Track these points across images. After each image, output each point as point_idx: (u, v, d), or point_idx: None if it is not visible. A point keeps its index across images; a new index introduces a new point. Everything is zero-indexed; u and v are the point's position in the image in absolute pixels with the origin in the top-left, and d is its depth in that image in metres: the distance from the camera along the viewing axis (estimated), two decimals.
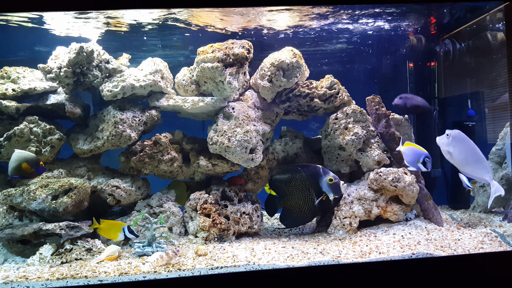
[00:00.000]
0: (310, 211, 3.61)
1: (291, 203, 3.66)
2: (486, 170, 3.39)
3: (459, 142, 3.43)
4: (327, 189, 3.45)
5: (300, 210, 3.63)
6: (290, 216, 3.70)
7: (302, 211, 3.63)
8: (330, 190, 3.44)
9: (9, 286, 2.57)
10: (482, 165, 3.39)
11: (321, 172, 3.49)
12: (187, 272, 2.73)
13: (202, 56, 3.73)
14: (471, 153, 3.41)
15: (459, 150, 3.43)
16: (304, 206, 3.61)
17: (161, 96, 3.88)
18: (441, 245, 3.12)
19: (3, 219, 3.32)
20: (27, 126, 3.59)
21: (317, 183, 3.50)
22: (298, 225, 3.89)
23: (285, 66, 3.77)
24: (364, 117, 3.89)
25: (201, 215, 3.61)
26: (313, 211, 3.60)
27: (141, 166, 3.84)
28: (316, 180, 3.51)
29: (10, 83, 3.77)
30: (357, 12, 4.33)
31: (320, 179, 3.49)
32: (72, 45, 3.67)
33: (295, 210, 3.66)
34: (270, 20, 4.40)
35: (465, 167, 3.46)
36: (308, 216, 3.68)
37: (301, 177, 3.58)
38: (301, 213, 3.64)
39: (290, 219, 3.72)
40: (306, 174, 3.58)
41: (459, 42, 5.02)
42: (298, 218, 3.68)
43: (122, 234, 3.22)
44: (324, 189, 3.47)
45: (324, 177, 3.46)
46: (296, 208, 3.65)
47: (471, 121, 4.84)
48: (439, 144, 3.54)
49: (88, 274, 2.70)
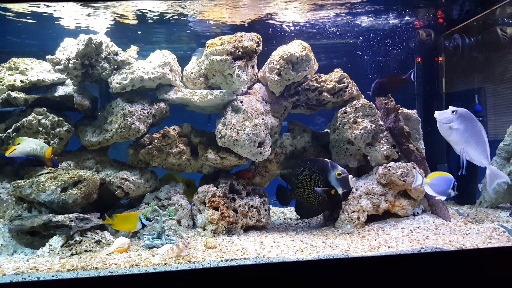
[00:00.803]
0: (320, 204, 3.64)
1: (303, 196, 3.70)
2: (485, 154, 3.30)
3: (466, 120, 3.30)
4: (336, 183, 3.47)
5: (311, 202, 3.67)
6: (304, 208, 3.75)
7: (312, 204, 3.66)
8: (338, 184, 3.46)
9: (20, 277, 2.58)
10: (482, 148, 3.30)
11: (329, 166, 3.51)
12: (197, 264, 2.73)
13: (211, 49, 3.71)
14: (476, 133, 3.29)
15: (465, 128, 3.31)
16: (314, 199, 3.64)
17: (169, 89, 3.87)
18: (449, 240, 3.12)
19: (12, 210, 3.33)
20: (36, 118, 3.59)
21: (326, 177, 3.52)
22: (310, 216, 3.98)
23: (294, 59, 3.76)
24: (373, 112, 3.88)
25: (210, 208, 3.62)
26: (323, 204, 3.63)
27: (150, 158, 3.84)
28: (325, 174, 3.53)
29: (19, 74, 3.76)
30: (367, 6, 4.30)
31: (329, 173, 3.50)
32: (80, 37, 3.65)
33: (306, 202, 3.70)
34: (279, 12, 4.38)
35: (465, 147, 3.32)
36: (319, 209, 3.72)
37: (310, 171, 3.61)
38: (312, 206, 3.68)
39: (304, 210, 3.76)
40: (314, 168, 3.60)
41: (468, 37, 4.99)
42: (310, 210, 3.73)
43: (139, 223, 3.24)
44: (332, 183, 3.49)
45: (332, 171, 3.48)
46: (307, 200, 3.69)
47: (478, 116, 4.83)
48: (439, 118, 3.35)
49: (98, 266, 2.71)
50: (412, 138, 4.08)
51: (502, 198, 4.35)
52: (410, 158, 3.95)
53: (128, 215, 3.34)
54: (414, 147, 3.95)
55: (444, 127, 3.36)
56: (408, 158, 3.95)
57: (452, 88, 5.30)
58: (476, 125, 3.29)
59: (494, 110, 4.87)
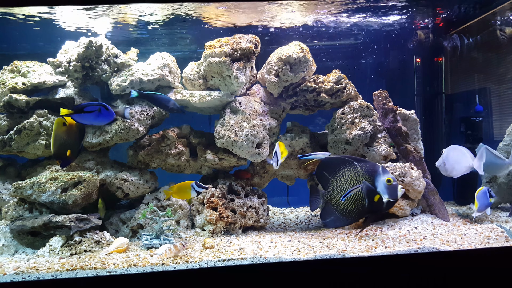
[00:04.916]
0: (357, 211, 3.19)
1: (337, 199, 3.27)
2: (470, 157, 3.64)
3: (450, 150, 3.76)
4: (383, 190, 3.06)
5: (346, 208, 3.23)
6: (333, 214, 3.32)
7: (347, 210, 3.22)
8: (386, 191, 3.04)
9: (20, 276, 2.62)
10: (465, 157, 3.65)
11: (380, 171, 3.09)
12: (194, 264, 2.76)
13: (210, 51, 3.75)
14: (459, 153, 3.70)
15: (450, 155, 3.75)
16: (351, 205, 3.20)
17: (168, 90, 3.91)
18: (447, 240, 3.13)
19: (14, 211, 3.37)
20: (37, 120, 3.64)
21: (373, 181, 3.10)
22: (340, 225, 3.47)
23: (292, 60, 3.78)
24: (371, 112, 3.89)
25: (208, 209, 3.65)
26: (361, 211, 3.18)
27: (149, 159, 3.88)
28: (373, 178, 3.11)
29: (20, 77, 3.81)
30: (365, 5, 4.31)
31: (378, 177, 3.09)
32: (81, 40, 3.70)
33: (339, 207, 3.27)
34: (277, 14, 4.40)
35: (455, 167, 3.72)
36: (354, 217, 3.25)
37: (356, 172, 3.18)
38: (346, 212, 3.23)
39: (332, 217, 3.33)
40: (362, 170, 3.18)
41: (467, 37, 4.98)
42: (341, 217, 3.28)
43: (193, 191, 3.26)
44: (379, 189, 3.07)
45: (382, 176, 3.07)
46: (341, 205, 3.25)
47: (479, 116, 4.83)
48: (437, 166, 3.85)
49: (97, 266, 2.74)
50: (410, 139, 4.09)
51: (502, 198, 4.35)
52: (408, 158, 3.96)
53: (181, 185, 3.31)
54: (412, 148, 3.96)
55: (441, 168, 3.82)
56: (406, 159, 3.96)
57: (453, 89, 5.30)
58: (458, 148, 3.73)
59: (500, 110, 4.85)
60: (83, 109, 3.06)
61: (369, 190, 3.09)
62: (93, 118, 3.10)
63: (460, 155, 3.68)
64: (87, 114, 3.06)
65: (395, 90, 4.64)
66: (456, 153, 3.71)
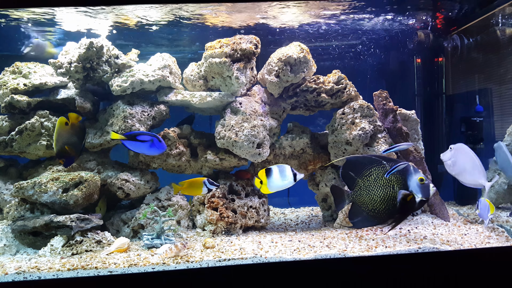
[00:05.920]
0: (386, 212, 3.08)
1: (365, 200, 3.14)
2: (483, 174, 3.57)
3: (460, 152, 3.65)
4: (416, 189, 2.97)
5: (375, 208, 3.11)
6: (360, 214, 3.20)
7: (376, 211, 3.11)
8: (419, 190, 2.96)
9: (22, 276, 2.63)
10: (479, 170, 3.58)
11: (411, 170, 3.00)
12: (195, 264, 2.77)
13: (210, 52, 3.76)
14: (470, 160, 3.60)
15: (460, 159, 3.64)
16: (380, 205, 3.08)
17: (169, 91, 3.92)
18: (447, 240, 3.13)
19: (15, 211, 3.38)
20: (38, 121, 3.65)
21: (405, 181, 3.01)
22: (368, 226, 3.42)
23: (293, 61, 3.79)
24: (371, 112, 3.90)
25: (209, 209, 3.66)
26: (391, 211, 3.07)
27: (150, 160, 3.89)
28: (404, 177, 3.01)
29: (22, 78, 3.83)
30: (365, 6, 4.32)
31: (410, 177, 3.00)
32: (82, 41, 3.72)
33: (367, 208, 3.15)
34: (277, 15, 4.41)
35: (464, 174, 3.65)
36: (383, 217, 3.13)
37: (384, 171, 3.06)
38: (375, 213, 3.12)
39: (360, 217, 3.21)
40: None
41: (468, 38, 4.99)
42: (370, 218, 3.16)
43: (205, 188, 3.27)
44: (412, 188, 2.98)
45: (414, 175, 2.98)
46: (369, 205, 3.13)
47: (479, 116, 4.83)
48: (443, 159, 3.72)
49: (98, 265, 2.75)
50: (410, 139, 4.10)
51: (503, 198, 4.35)
52: (409, 158, 3.97)
53: (194, 180, 3.31)
54: (412, 148, 3.97)
55: (447, 164, 3.69)
56: (406, 159, 3.97)
57: (453, 89, 5.30)
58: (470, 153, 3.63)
59: (501, 110, 4.85)
60: (135, 137, 3.19)
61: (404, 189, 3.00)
62: (146, 148, 3.23)
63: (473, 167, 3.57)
64: (140, 143, 3.21)
65: (395, 90, 4.64)
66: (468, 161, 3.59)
